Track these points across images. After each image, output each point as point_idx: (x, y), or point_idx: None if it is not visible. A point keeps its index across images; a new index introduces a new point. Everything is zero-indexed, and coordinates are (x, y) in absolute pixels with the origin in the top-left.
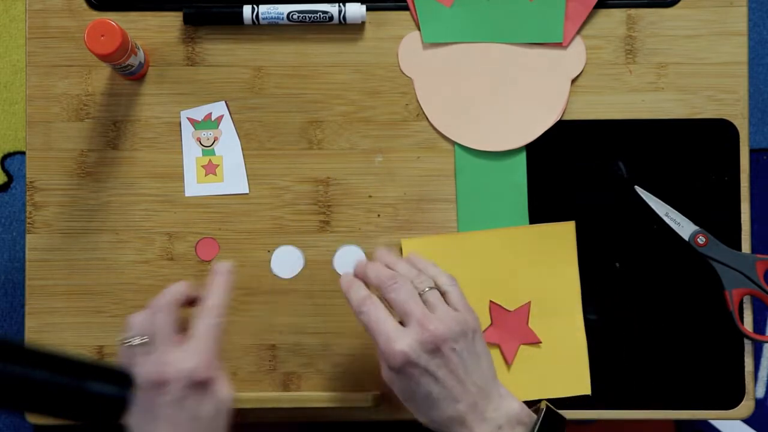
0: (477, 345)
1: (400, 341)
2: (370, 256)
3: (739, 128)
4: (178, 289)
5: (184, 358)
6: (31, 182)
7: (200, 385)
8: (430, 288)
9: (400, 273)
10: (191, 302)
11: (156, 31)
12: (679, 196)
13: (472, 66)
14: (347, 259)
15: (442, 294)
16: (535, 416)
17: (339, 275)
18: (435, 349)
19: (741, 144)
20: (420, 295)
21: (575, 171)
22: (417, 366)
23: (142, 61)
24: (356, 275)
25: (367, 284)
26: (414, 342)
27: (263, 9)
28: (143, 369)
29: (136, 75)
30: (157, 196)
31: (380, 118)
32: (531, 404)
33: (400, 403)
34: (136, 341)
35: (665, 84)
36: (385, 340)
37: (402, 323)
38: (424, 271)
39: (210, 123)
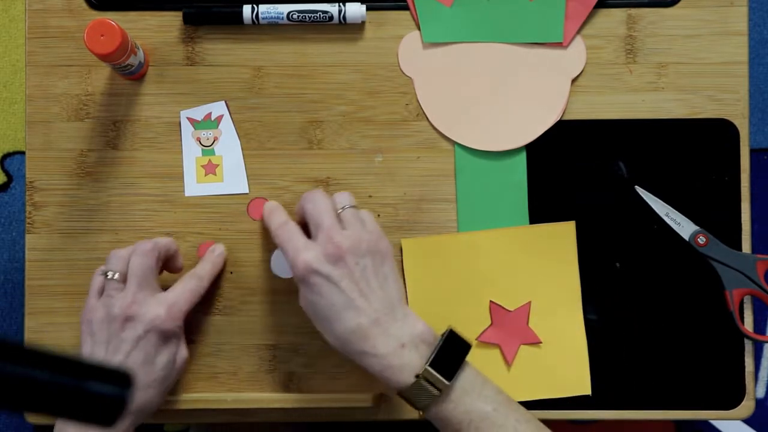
0: (385, 268)
1: (305, 252)
2: None
3: (739, 128)
4: (165, 241)
5: (153, 304)
6: (30, 182)
7: (161, 335)
8: (351, 206)
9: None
10: (170, 266)
11: (156, 31)
12: (679, 196)
13: (472, 66)
14: None
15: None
16: (439, 336)
17: None
18: (338, 259)
19: (741, 144)
20: (339, 213)
21: (575, 171)
22: (319, 273)
23: (142, 61)
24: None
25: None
26: (318, 253)
27: (263, 9)
28: (114, 303)
29: (136, 75)
30: (157, 196)
31: (380, 118)
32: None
33: (400, 403)
34: (110, 275)
35: (665, 84)
36: (293, 252)
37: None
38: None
39: (210, 123)
